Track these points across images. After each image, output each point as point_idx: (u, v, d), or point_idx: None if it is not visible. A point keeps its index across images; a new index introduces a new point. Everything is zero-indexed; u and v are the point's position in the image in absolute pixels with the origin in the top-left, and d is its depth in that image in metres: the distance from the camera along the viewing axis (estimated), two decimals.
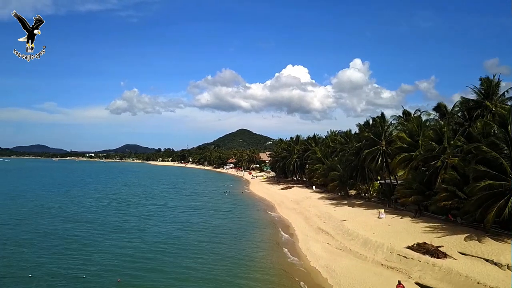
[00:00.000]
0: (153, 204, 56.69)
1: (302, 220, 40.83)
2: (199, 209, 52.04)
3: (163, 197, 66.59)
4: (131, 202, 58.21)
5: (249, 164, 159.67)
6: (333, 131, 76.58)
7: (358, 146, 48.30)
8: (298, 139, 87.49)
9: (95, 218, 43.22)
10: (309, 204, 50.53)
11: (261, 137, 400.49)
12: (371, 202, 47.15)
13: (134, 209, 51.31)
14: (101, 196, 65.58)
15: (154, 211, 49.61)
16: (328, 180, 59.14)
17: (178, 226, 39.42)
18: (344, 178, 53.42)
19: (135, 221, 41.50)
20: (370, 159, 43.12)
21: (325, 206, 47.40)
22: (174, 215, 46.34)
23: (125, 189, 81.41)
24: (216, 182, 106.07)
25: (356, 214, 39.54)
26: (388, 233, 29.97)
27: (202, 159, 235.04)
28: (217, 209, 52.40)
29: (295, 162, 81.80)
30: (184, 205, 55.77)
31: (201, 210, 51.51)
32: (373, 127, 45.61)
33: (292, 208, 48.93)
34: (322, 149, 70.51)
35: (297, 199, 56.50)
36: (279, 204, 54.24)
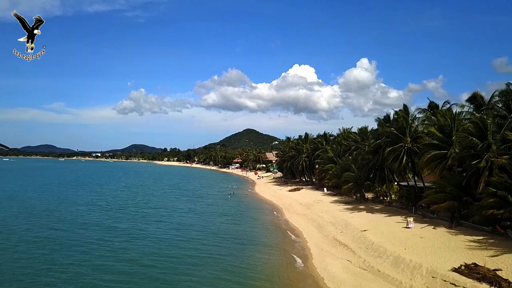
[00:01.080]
0: (151, 208, 51.69)
1: (314, 229, 35.36)
2: (200, 214, 46.90)
3: (163, 200, 61.60)
4: (126, 205, 53.29)
5: (255, 164, 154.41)
6: (345, 129, 70.92)
7: (377, 143, 42.69)
8: (307, 137, 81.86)
9: (78, 223, 38.42)
10: (321, 208, 45.04)
11: (268, 137, 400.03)
12: (392, 207, 41.50)
13: (128, 213, 46.35)
14: (95, 199, 60.83)
15: (151, 216, 44.56)
16: (341, 182, 53.56)
17: (174, 233, 34.39)
18: (360, 180, 47.82)
19: (125, 229, 36.47)
20: (392, 158, 37.46)
21: (340, 211, 41.86)
22: (171, 221, 41.28)
23: (123, 191, 76.66)
24: (220, 183, 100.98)
25: (378, 222, 33.97)
26: (424, 248, 24.40)
27: (208, 159, 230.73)
28: (219, 213, 47.18)
29: (304, 162, 76.26)
30: (184, 209, 50.65)
31: (201, 214, 46.35)
32: (395, 122, 39.82)
33: (302, 214, 43.47)
34: (334, 148, 64.93)
35: (308, 203, 51.02)
36: (287, 209, 48.81)
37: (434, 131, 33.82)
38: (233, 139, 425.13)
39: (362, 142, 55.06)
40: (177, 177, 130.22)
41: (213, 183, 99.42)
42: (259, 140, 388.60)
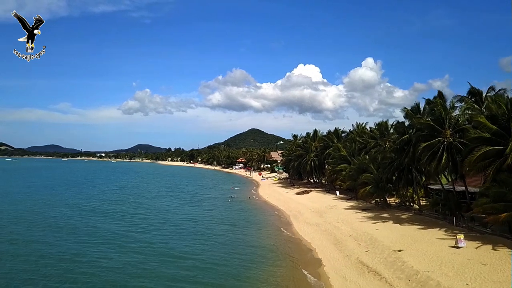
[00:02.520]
0: (139, 214, 44.93)
1: (331, 245, 28.15)
2: (195, 222, 39.97)
3: (156, 204, 54.71)
4: (113, 211, 46.59)
5: (259, 164, 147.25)
6: (359, 124, 63.47)
7: (403, 139, 35.37)
8: (316, 134, 74.37)
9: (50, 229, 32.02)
10: (337, 217, 37.81)
11: (273, 137, 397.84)
12: (425, 217, 34.08)
13: (111, 220, 39.66)
14: (82, 202, 54.30)
15: (137, 225, 37.72)
16: (357, 184, 46.31)
17: (159, 248, 27.59)
18: (381, 183, 40.50)
19: (100, 242, 29.62)
20: (428, 156, 30.02)
21: (360, 221, 34.59)
22: (161, 231, 34.50)
23: (115, 193, 69.98)
24: (222, 184, 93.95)
25: (414, 238, 26.63)
26: (494, 283, 17.12)
27: (211, 158, 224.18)
28: (217, 221, 40.14)
29: (312, 162, 68.88)
30: (179, 215, 43.73)
31: (196, 223, 39.40)
32: (431, 112, 32.17)
33: (314, 224, 36.22)
34: (347, 146, 57.58)
35: (319, 209, 43.79)
36: (295, 216, 41.62)
37: (484, 122, 26.40)
38: (238, 139, 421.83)
39: (381, 138, 47.67)
40: (177, 177, 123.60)
41: (214, 185, 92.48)
42: (264, 140, 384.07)
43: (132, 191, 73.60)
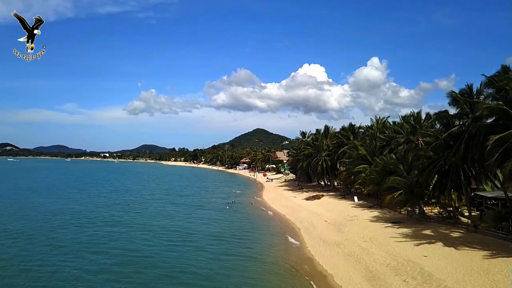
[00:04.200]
0: (123, 224, 37.07)
1: (363, 280, 19.72)
2: (180, 237, 31.86)
3: (145, 210, 46.75)
4: (94, 219, 39.27)
5: (264, 164, 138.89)
6: (379, 118, 54.86)
7: (452, 132, 26.87)
8: (327, 131, 65.76)
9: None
10: (361, 232, 29.36)
11: (278, 137, 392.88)
12: (484, 236, 25.41)
13: (86, 232, 32.15)
14: (63, 207, 47.30)
15: (114, 239, 29.80)
16: (383, 190, 37.83)
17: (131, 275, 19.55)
18: (417, 188, 31.98)
19: (62, 261, 21.63)
20: (498, 154, 21.38)
21: (396, 240, 26.09)
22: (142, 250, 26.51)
23: (104, 197, 62.00)
24: (223, 186, 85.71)
25: (486, 272, 18.08)
26: None
27: (215, 158, 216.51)
28: (205, 239, 31.91)
29: (324, 162, 60.40)
30: (168, 228, 35.65)
31: (188, 238, 31.29)
32: (499, 92, 23.42)
33: (333, 243, 27.74)
34: (367, 143, 49.05)
35: (337, 220, 35.40)
36: (308, 230, 33.21)
37: None
38: (243, 139, 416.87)
39: (413, 133, 39.12)
40: (177, 179, 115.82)
41: (214, 187, 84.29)
42: (269, 140, 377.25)
43: (122, 195, 65.71)
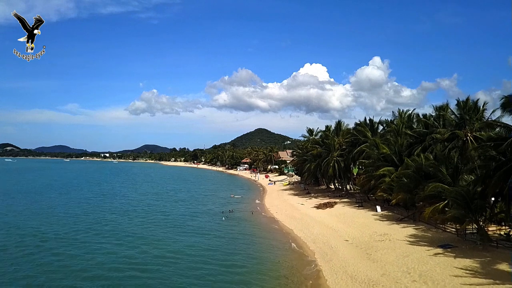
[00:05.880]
0: (86, 243, 29.21)
1: None
2: (156, 264, 23.89)
3: (124, 223, 38.82)
4: (56, 235, 31.10)
5: (266, 164, 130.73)
6: (402, 111, 46.52)
7: None
8: (340, 127, 57.42)
9: None
10: (401, 262, 21.22)
11: (280, 137, 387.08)
12: None
13: (32, 260, 23.93)
14: (24, 219, 38.79)
15: (65, 268, 21.82)
16: (419, 199, 29.74)
17: None
18: (476, 199, 23.78)
19: None
20: None
21: (463, 283, 17.92)
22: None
23: (87, 203, 54.05)
24: (221, 190, 77.47)
25: None
26: None
27: (215, 159, 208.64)
28: (193, 267, 23.87)
29: (336, 163, 52.19)
30: (139, 251, 27.73)
31: (157, 267, 23.32)
32: None
33: (365, 281, 19.40)
34: (390, 141, 40.87)
35: (362, 240, 27.24)
36: (325, 256, 24.91)
37: None
38: (245, 139, 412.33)
39: (459, 125, 30.93)
40: (173, 181, 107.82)
41: (212, 191, 76.06)
42: (271, 140, 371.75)
43: (105, 201, 57.63)
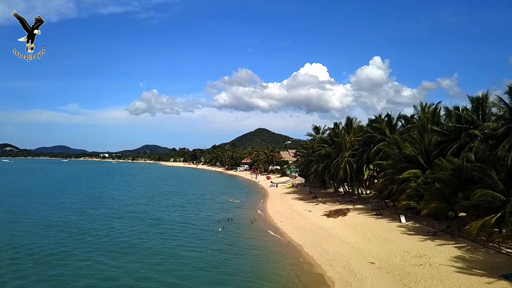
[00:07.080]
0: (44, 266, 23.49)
1: None
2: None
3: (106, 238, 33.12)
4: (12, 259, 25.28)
5: (267, 165, 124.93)
6: (425, 105, 40.64)
7: None
8: (351, 123, 51.51)
9: None
10: None
11: (280, 137, 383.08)
12: None
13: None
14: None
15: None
16: (460, 209, 23.99)
17: None
18: None
19: None
20: None
21: None
22: None
23: (72, 208, 48.48)
24: (220, 193, 71.57)
25: None
26: None
27: (214, 159, 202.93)
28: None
29: (347, 165, 46.38)
30: (120, 277, 22.06)
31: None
32: None
33: None
34: (415, 139, 35.04)
35: (391, 263, 21.50)
36: (349, 286, 19.26)
37: None
38: (245, 139, 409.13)
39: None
40: (170, 182, 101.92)
41: (210, 194, 70.30)
42: (271, 140, 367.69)
43: (93, 206, 51.82)
